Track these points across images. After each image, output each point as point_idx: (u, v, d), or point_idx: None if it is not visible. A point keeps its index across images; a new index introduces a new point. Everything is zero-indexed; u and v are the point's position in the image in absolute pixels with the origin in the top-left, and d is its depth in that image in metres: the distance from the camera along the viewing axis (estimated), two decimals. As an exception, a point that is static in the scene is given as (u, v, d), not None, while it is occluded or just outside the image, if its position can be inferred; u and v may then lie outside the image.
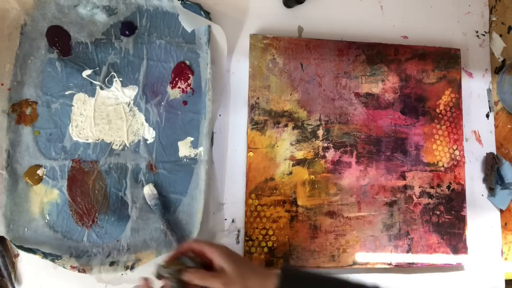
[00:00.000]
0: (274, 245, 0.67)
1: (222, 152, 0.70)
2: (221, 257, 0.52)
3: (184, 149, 0.67)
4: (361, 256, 0.70)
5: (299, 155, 0.70)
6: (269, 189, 0.68)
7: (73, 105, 0.65)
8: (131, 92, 0.67)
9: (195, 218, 0.64)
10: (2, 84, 0.63)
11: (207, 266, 0.53)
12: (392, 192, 0.72)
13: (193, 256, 0.54)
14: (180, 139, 0.67)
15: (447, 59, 0.77)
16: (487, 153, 0.78)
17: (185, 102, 0.68)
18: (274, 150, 0.70)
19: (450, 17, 0.81)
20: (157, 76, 0.67)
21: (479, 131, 0.79)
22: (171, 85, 0.68)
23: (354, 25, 0.77)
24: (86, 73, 0.66)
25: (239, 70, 0.72)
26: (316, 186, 0.70)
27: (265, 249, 0.67)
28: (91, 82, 0.66)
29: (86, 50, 0.66)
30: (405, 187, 0.73)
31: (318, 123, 0.72)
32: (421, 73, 0.76)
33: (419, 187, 0.73)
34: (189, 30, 0.68)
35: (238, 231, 0.68)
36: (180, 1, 0.67)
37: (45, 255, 0.61)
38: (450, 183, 0.74)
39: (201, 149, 0.67)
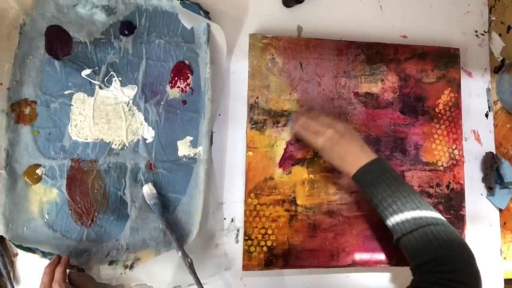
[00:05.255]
0: (274, 244, 0.67)
1: (221, 151, 0.70)
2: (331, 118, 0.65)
3: (184, 148, 0.67)
4: (360, 256, 0.69)
5: (298, 154, 0.70)
6: (269, 189, 0.68)
7: (72, 105, 0.65)
8: (130, 91, 0.67)
9: (194, 217, 0.64)
10: (1, 84, 0.63)
11: None
12: (391, 192, 0.72)
13: None
14: (180, 139, 0.67)
15: (446, 59, 0.77)
16: (486, 153, 0.78)
17: (184, 102, 0.68)
18: (274, 150, 0.70)
19: (450, 16, 0.81)
20: (156, 76, 0.67)
21: (478, 130, 0.79)
22: (170, 84, 0.68)
23: (353, 24, 0.77)
24: (85, 72, 0.66)
25: (238, 69, 0.72)
26: (315, 186, 0.70)
27: (264, 248, 0.67)
28: (90, 82, 0.66)
29: (85, 50, 0.66)
30: (404, 186, 0.73)
31: (317, 122, 0.72)
32: (420, 73, 0.76)
33: (418, 187, 0.73)
34: (188, 27, 0.68)
35: (238, 230, 0.69)
36: (179, 1, 0.67)
37: (44, 254, 0.61)
38: (449, 182, 0.74)
39: (200, 148, 0.67)
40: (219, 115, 0.70)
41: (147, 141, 0.66)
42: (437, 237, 0.56)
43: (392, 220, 0.59)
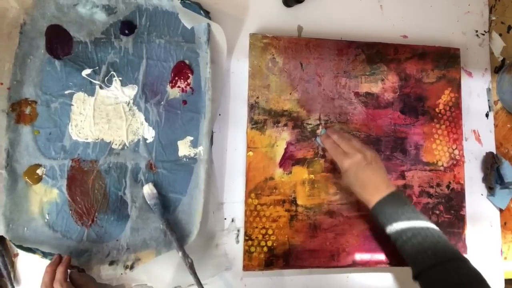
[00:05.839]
0: (274, 244, 0.67)
1: (221, 151, 0.70)
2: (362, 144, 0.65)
3: (184, 148, 0.67)
4: (360, 256, 0.69)
5: (299, 154, 0.70)
6: (269, 189, 0.68)
7: (72, 105, 0.65)
8: (131, 91, 0.66)
9: (194, 217, 0.64)
10: (2, 84, 0.63)
11: None
12: (391, 192, 0.72)
13: None
14: (180, 139, 0.67)
15: (446, 59, 0.77)
16: (486, 153, 0.78)
17: (184, 102, 0.68)
18: (274, 150, 0.70)
19: (450, 16, 0.81)
20: (157, 76, 0.67)
21: (478, 130, 0.79)
22: (170, 84, 0.68)
23: (353, 24, 0.77)
24: (86, 72, 0.66)
25: (238, 69, 0.72)
26: (315, 186, 0.70)
27: (265, 249, 0.67)
28: (90, 82, 0.66)
29: (85, 49, 0.66)
30: (405, 186, 0.73)
31: (318, 122, 0.72)
32: (420, 73, 0.76)
33: (419, 187, 0.73)
34: (188, 27, 0.68)
35: (238, 230, 0.68)
36: (179, 1, 0.67)
37: (44, 255, 0.61)
38: (450, 182, 0.74)
39: (200, 148, 0.67)
40: (220, 115, 0.70)
41: (148, 141, 0.66)
42: (457, 273, 0.55)
43: (412, 255, 0.58)
